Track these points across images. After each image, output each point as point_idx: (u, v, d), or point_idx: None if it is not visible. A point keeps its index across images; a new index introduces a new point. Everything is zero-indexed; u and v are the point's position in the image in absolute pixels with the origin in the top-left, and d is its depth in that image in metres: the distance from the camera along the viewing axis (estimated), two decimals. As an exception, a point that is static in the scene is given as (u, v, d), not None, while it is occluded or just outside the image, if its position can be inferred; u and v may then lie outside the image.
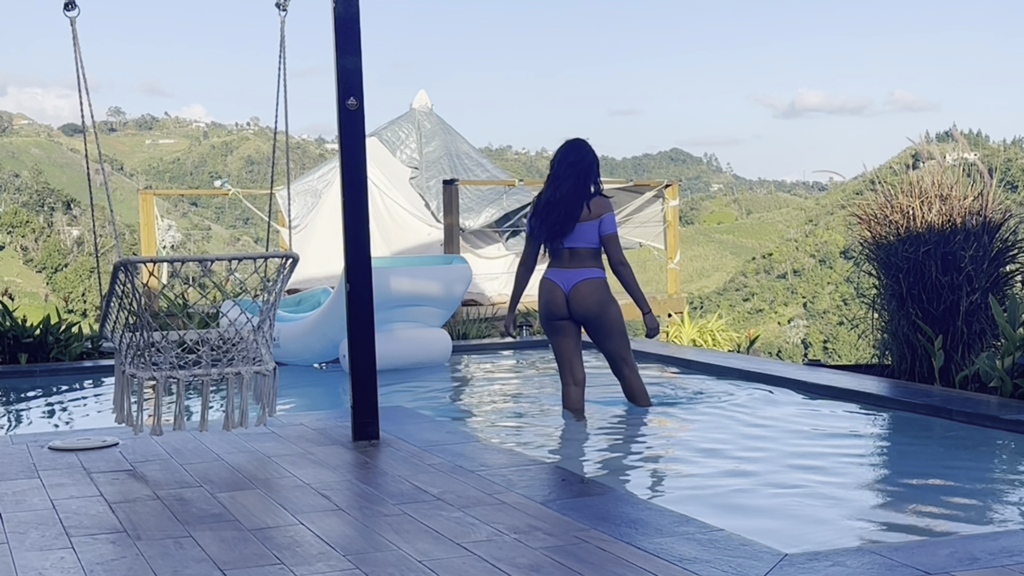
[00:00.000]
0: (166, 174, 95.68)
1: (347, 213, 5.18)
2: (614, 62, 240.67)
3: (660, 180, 16.24)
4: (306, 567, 3.33)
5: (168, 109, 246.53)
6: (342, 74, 5.13)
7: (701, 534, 3.60)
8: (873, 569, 3.21)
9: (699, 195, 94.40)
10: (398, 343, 8.35)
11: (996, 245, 7.34)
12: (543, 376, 8.46)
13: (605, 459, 5.44)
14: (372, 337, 5.25)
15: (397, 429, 5.47)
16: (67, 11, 4.99)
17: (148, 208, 14.44)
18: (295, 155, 77.18)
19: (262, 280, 4.98)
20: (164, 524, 3.85)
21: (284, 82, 5.25)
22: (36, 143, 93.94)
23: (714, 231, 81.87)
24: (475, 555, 3.41)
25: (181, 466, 4.78)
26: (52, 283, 57.24)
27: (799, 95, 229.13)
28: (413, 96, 17.08)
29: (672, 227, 15.59)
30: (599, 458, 5.47)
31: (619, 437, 5.94)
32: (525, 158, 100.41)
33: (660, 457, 5.49)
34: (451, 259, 9.42)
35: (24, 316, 9.14)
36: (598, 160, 6.15)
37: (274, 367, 4.96)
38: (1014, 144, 66.08)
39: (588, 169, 6.06)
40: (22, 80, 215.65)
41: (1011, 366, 6.40)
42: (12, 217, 63.52)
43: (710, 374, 7.95)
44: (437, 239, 14.39)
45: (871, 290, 7.82)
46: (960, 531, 4.03)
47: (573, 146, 6.13)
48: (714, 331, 12.06)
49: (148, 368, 4.81)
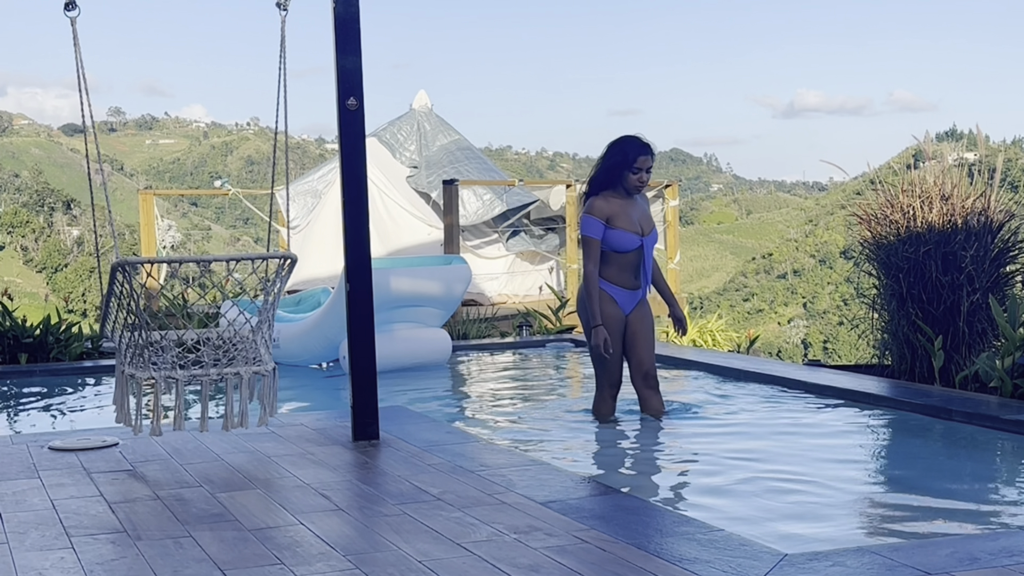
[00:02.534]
0: (166, 174, 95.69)
1: (347, 213, 5.18)
2: (614, 62, 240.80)
3: (660, 180, 16.23)
4: (306, 567, 3.33)
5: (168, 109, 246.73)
6: (342, 74, 5.13)
7: (701, 534, 3.60)
8: (873, 569, 3.21)
9: (699, 195, 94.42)
10: (398, 343, 8.35)
11: (997, 245, 7.34)
12: (543, 376, 8.46)
13: (605, 459, 5.44)
14: (372, 337, 5.25)
15: (397, 429, 5.47)
16: (67, 11, 4.99)
17: (148, 208, 14.44)
18: (295, 155, 77.20)
19: (261, 280, 4.98)
20: (164, 524, 3.85)
21: (284, 82, 5.25)
22: (36, 143, 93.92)
23: (714, 231, 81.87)
24: (475, 555, 3.41)
25: (181, 466, 4.78)
26: (52, 283, 57.21)
27: (798, 95, 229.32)
28: (413, 96, 17.09)
29: (672, 227, 15.59)
30: (599, 458, 5.47)
31: (619, 437, 5.93)
32: (525, 158, 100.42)
33: (660, 457, 5.49)
34: (451, 259, 9.42)
35: (24, 316, 9.14)
36: (613, 155, 5.83)
37: (273, 367, 4.95)
38: (1014, 144, 66.06)
39: (601, 166, 5.88)
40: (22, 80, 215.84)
41: (1011, 366, 6.40)
42: (12, 217, 63.50)
43: (710, 374, 7.94)
44: (437, 239, 14.39)
45: (871, 290, 7.81)
46: (960, 531, 4.02)
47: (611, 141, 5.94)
48: (714, 331, 12.07)
49: (147, 368, 4.81)
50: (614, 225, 5.75)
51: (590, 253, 5.79)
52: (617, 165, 5.80)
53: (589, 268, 5.78)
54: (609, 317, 5.83)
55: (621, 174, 5.80)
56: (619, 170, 5.80)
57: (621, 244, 5.79)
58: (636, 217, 5.84)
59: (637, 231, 5.82)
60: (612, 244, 5.79)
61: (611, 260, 5.82)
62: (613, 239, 5.78)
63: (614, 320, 5.86)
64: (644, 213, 5.92)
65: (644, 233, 5.86)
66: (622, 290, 5.89)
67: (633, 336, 5.95)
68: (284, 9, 5.29)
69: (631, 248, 5.81)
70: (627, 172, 5.79)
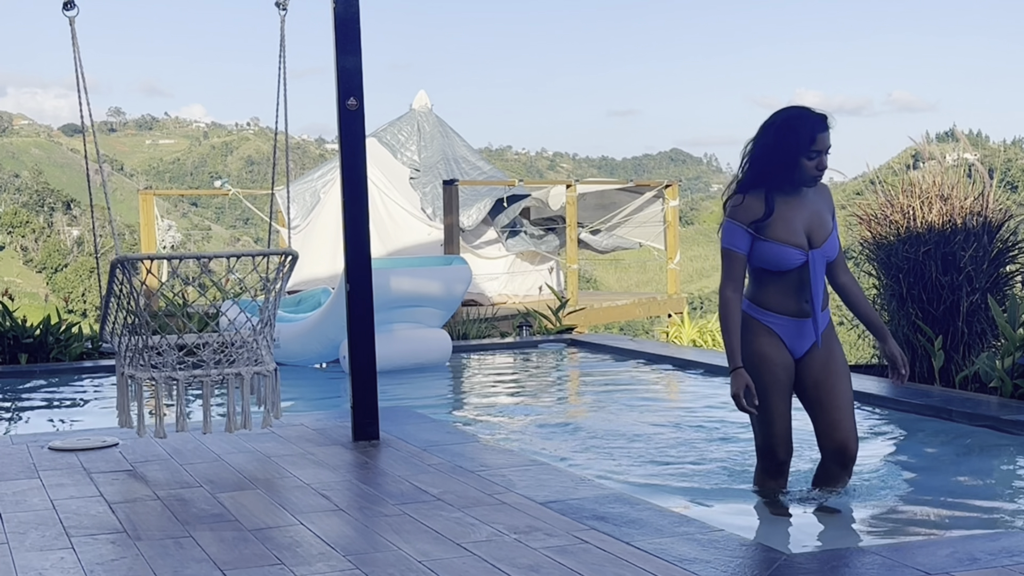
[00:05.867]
0: (166, 174, 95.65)
1: (347, 213, 5.18)
2: (613, 62, 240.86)
3: (660, 180, 16.26)
4: (306, 567, 3.33)
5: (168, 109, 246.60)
6: (342, 74, 5.13)
7: (701, 534, 3.60)
8: (873, 569, 3.21)
9: (699, 195, 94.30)
10: (398, 343, 8.35)
11: (996, 245, 7.34)
12: (543, 376, 8.47)
13: (605, 459, 5.44)
14: (372, 337, 5.25)
15: (397, 429, 5.47)
16: (66, 11, 4.99)
17: (148, 208, 14.45)
18: (295, 155, 77.19)
19: (262, 279, 4.97)
20: (164, 524, 3.85)
21: (284, 82, 5.26)
22: (36, 143, 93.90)
23: (714, 231, 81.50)
24: (475, 555, 3.41)
25: (181, 466, 4.78)
26: (52, 283, 57.21)
27: (797, 95, 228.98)
28: (413, 96, 17.10)
29: (672, 227, 15.60)
30: (599, 458, 5.47)
31: (619, 437, 5.93)
32: (525, 158, 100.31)
33: (660, 457, 5.49)
34: (451, 259, 9.43)
35: (24, 316, 9.14)
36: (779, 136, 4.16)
37: (275, 367, 4.95)
38: (1014, 144, 66.06)
39: (754, 155, 4.24)
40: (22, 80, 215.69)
41: (1011, 366, 6.40)
42: (12, 217, 63.51)
43: (710, 374, 7.94)
44: (437, 239, 14.40)
45: (871, 290, 7.81)
46: (960, 531, 4.03)
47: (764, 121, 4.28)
48: (714, 331, 12.07)
49: (147, 369, 4.80)
50: (768, 235, 4.13)
51: (730, 271, 4.17)
52: (787, 148, 4.14)
53: (727, 292, 4.16)
54: (764, 359, 4.19)
55: (794, 161, 4.14)
56: (791, 156, 4.14)
57: (776, 260, 4.16)
58: (801, 223, 4.18)
59: (801, 243, 4.16)
60: (764, 260, 4.18)
61: (766, 280, 4.21)
62: (765, 254, 4.16)
63: (772, 363, 4.21)
64: (816, 213, 4.23)
65: (814, 244, 4.19)
66: (787, 320, 4.21)
67: (816, 387, 4.26)
68: (283, 9, 5.29)
69: (792, 266, 4.16)
70: (801, 158, 4.13)
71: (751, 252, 4.17)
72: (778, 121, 4.18)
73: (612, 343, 9.64)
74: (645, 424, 6.22)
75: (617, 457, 5.47)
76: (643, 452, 5.61)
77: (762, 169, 4.17)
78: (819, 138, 4.13)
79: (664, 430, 6.11)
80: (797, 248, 4.14)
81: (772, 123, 4.19)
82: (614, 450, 5.64)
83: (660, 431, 6.09)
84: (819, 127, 4.14)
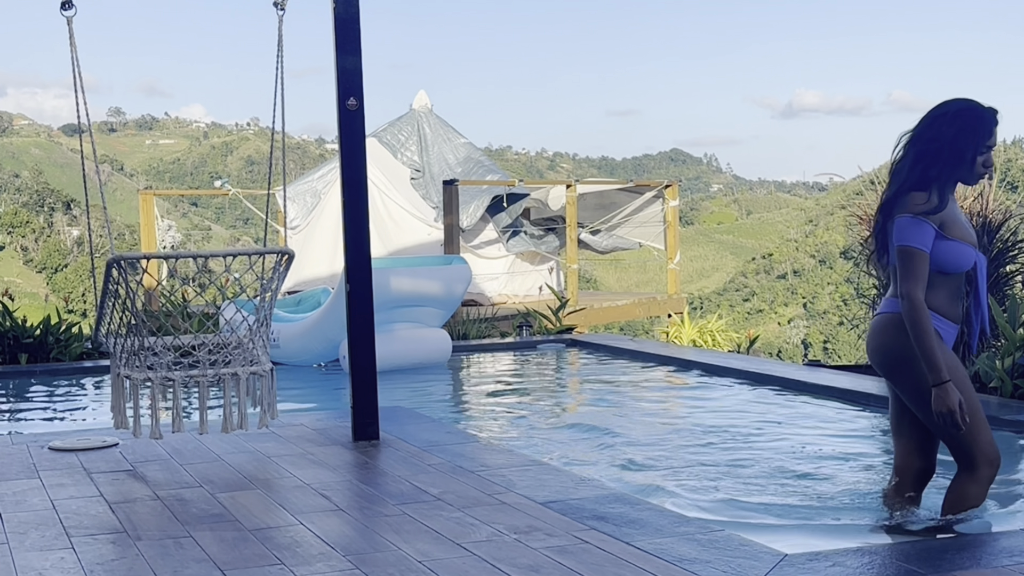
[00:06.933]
0: (166, 174, 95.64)
1: (347, 213, 5.18)
2: (613, 62, 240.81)
3: (660, 180, 16.26)
4: (306, 567, 3.33)
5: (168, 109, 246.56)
6: (342, 74, 5.13)
7: (701, 534, 3.60)
8: (873, 569, 3.21)
9: (699, 195, 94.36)
10: (398, 343, 8.35)
11: (996, 245, 7.34)
12: (543, 376, 8.46)
13: (605, 459, 5.44)
14: (372, 337, 5.25)
15: (397, 429, 5.47)
16: (64, 11, 4.99)
17: (148, 208, 14.45)
18: (295, 155, 77.19)
19: (258, 278, 4.97)
20: (164, 524, 3.85)
21: (282, 81, 5.25)
22: (36, 143, 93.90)
23: (714, 231, 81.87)
24: (475, 555, 3.41)
25: (181, 466, 4.78)
26: (52, 283, 57.20)
27: (796, 95, 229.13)
28: (413, 96, 17.10)
29: (672, 227, 15.60)
30: (599, 458, 5.47)
31: (619, 437, 5.93)
32: (525, 158, 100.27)
33: (660, 457, 5.49)
34: (451, 259, 9.43)
35: (24, 316, 9.14)
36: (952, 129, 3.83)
37: (271, 367, 4.94)
38: (1014, 144, 66.07)
39: (922, 148, 3.84)
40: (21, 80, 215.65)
41: (1011, 366, 6.40)
42: (12, 217, 63.49)
43: (710, 374, 7.94)
44: (437, 239, 14.40)
45: (871, 290, 7.82)
46: (960, 531, 4.02)
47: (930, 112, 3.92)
48: (714, 331, 12.08)
49: (143, 369, 4.79)
50: (950, 234, 3.79)
51: (918, 271, 3.74)
52: (965, 143, 3.83)
53: (917, 294, 3.72)
54: (953, 368, 3.80)
55: (972, 157, 3.84)
56: (967, 152, 3.84)
57: (957, 261, 3.82)
58: (967, 221, 3.94)
59: (975, 242, 3.89)
60: (944, 260, 3.81)
61: (938, 283, 3.84)
62: (947, 254, 3.80)
63: (960, 368, 3.86)
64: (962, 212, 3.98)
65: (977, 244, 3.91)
66: (951, 326, 3.90)
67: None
68: (281, 9, 5.29)
69: (967, 267, 3.87)
70: (974, 155, 3.84)
71: (933, 251, 3.78)
72: (952, 115, 3.86)
73: (612, 343, 9.64)
74: (645, 424, 6.22)
75: (617, 457, 5.47)
76: (643, 452, 5.61)
77: (937, 164, 3.83)
78: (994, 133, 3.89)
79: (664, 430, 6.11)
80: (973, 247, 3.86)
81: (944, 116, 3.87)
82: (614, 450, 5.63)
83: (660, 431, 6.09)
84: (994, 121, 3.89)
